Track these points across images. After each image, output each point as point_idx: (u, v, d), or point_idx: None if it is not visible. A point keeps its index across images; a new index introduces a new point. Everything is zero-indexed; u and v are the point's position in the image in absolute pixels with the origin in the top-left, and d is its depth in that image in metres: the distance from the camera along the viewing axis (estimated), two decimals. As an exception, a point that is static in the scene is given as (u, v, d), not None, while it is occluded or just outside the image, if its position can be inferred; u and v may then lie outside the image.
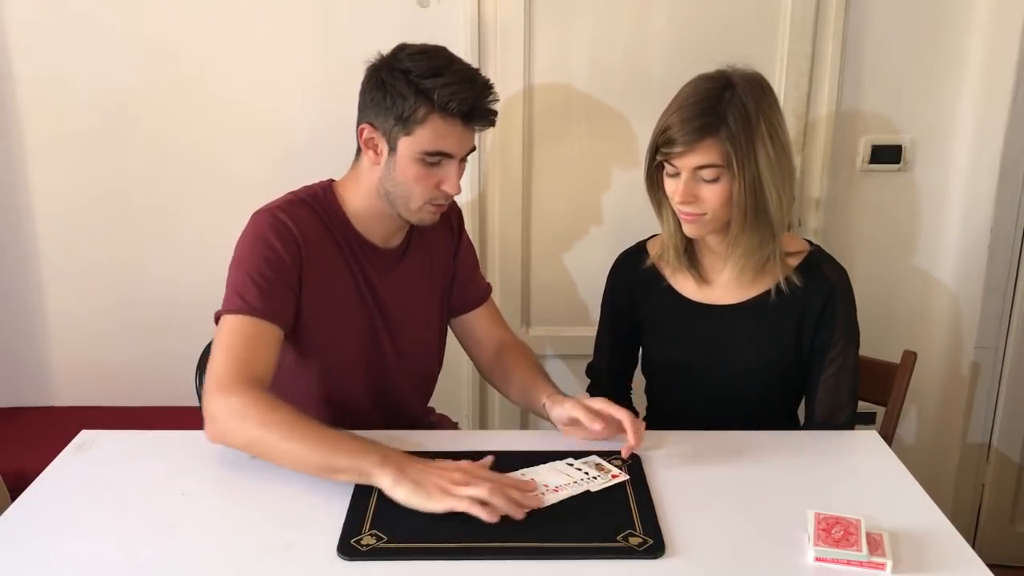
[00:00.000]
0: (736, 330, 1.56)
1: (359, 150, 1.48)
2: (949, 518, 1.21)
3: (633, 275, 1.65)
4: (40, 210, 2.10)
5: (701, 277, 1.58)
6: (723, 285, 1.58)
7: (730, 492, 1.27)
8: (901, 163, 2.07)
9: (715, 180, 1.43)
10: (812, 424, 1.57)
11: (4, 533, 1.16)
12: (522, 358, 1.60)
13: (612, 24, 1.98)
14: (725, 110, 1.41)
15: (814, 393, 1.56)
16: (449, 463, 1.24)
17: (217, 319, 1.42)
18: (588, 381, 1.77)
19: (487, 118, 1.42)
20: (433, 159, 1.40)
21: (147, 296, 2.15)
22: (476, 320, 1.66)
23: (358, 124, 1.45)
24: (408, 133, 1.38)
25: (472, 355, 1.69)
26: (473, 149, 1.45)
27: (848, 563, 1.09)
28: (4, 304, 2.16)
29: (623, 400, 1.73)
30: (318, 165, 1.58)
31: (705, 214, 1.46)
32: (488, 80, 1.41)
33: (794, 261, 1.55)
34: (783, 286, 1.52)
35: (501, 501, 1.16)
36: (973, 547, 1.13)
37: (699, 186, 1.44)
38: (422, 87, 1.36)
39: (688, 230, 1.50)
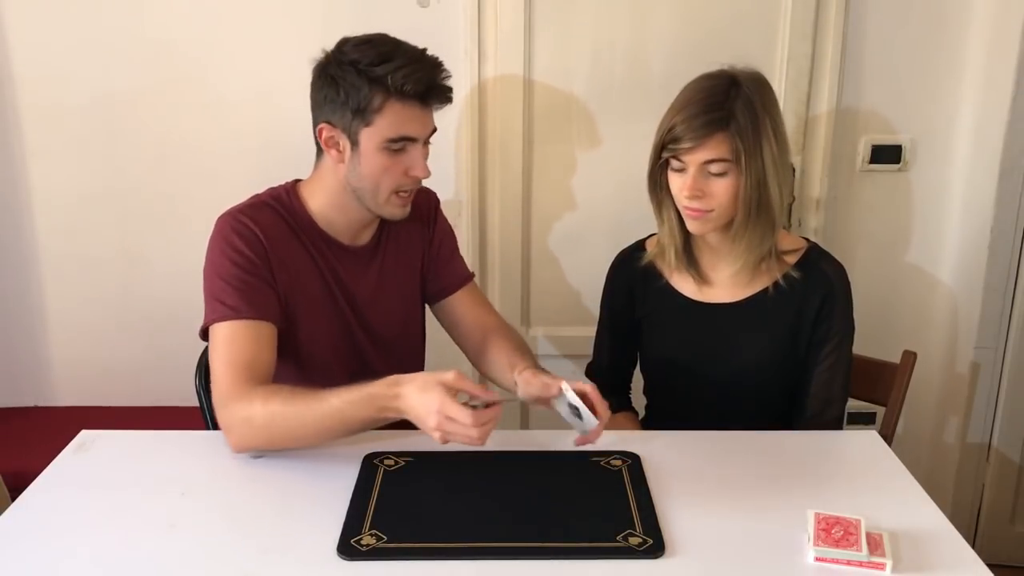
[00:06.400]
0: (734, 328, 1.56)
1: (319, 151, 1.46)
2: (949, 518, 1.21)
3: (632, 274, 1.65)
4: (40, 210, 2.10)
5: (700, 276, 1.59)
6: (721, 284, 1.58)
7: (730, 492, 1.27)
8: (901, 163, 2.08)
9: (723, 175, 1.43)
10: (804, 418, 1.57)
11: (4, 533, 1.16)
12: (505, 340, 1.56)
13: (612, 24, 1.98)
14: (733, 106, 1.41)
15: (807, 387, 1.57)
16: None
17: (202, 334, 1.42)
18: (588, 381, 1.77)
19: (443, 95, 1.41)
20: (397, 145, 1.39)
21: (147, 296, 2.16)
22: (456, 305, 1.62)
23: (315, 125, 1.43)
24: (368, 124, 1.37)
25: (459, 343, 1.65)
26: (434, 130, 1.44)
27: (848, 563, 1.09)
28: (4, 304, 2.16)
29: (623, 399, 1.74)
30: (318, 165, 1.58)
31: (712, 210, 1.46)
32: (437, 58, 1.40)
33: (792, 259, 1.55)
34: (781, 283, 1.53)
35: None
36: (973, 547, 1.14)
37: (707, 181, 1.44)
38: (374, 75, 1.35)
39: (692, 226, 1.50)
